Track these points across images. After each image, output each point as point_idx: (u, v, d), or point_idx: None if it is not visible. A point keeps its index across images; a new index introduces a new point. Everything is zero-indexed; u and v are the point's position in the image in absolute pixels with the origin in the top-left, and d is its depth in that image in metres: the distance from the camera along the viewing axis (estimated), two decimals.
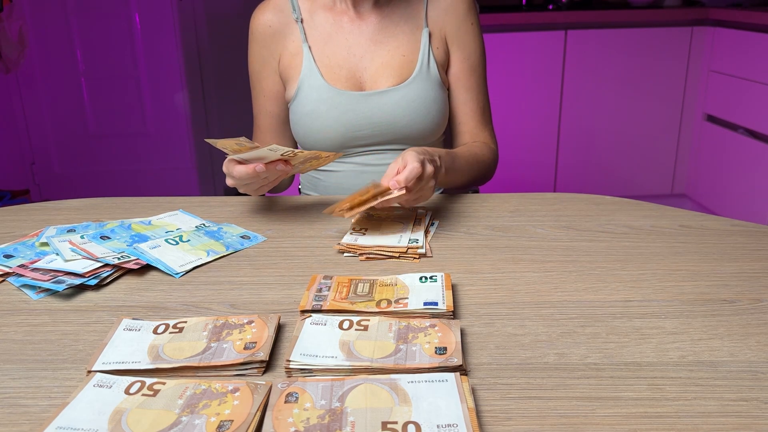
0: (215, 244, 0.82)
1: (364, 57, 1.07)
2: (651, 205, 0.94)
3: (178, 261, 0.76)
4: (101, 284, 0.72)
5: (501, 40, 2.59)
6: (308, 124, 1.07)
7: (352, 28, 1.08)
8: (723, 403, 0.50)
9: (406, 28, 1.08)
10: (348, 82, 1.07)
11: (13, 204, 2.43)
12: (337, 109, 1.06)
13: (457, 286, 0.70)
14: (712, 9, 2.56)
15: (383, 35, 1.08)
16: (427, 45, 1.08)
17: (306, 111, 1.07)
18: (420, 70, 1.07)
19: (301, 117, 1.08)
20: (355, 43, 1.08)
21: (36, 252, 0.77)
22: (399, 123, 1.06)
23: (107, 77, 2.99)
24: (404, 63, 1.07)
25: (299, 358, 0.54)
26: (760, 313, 0.63)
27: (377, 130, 1.06)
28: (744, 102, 2.41)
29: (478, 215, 0.91)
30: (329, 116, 1.06)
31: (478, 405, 0.50)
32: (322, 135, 1.07)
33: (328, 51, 1.08)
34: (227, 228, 0.87)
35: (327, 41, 1.08)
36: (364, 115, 1.06)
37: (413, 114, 1.06)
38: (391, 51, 1.07)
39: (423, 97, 1.06)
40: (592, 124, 2.72)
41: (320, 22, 1.09)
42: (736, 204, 2.49)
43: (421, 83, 1.07)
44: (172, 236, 0.82)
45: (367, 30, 1.08)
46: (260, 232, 0.86)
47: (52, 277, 0.71)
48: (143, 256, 0.76)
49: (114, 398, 0.50)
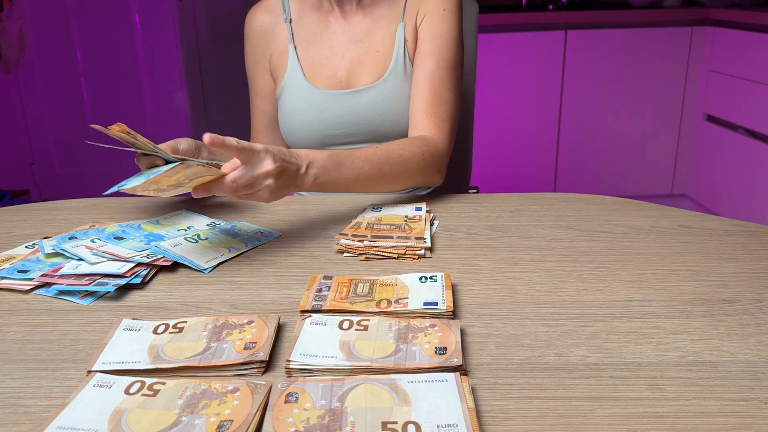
0: (234, 241, 0.82)
1: (345, 56, 1.08)
2: (651, 205, 0.94)
3: (202, 257, 0.77)
4: (144, 282, 0.72)
5: (501, 40, 2.59)
6: (290, 122, 1.10)
7: (336, 28, 1.09)
8: (723, 403, 0.50)
9: (384, 24, 1.08)
10: (329, 81, 1.08)
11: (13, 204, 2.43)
12: (315, 107, 1.07)
13: (457, 286, 0.70)
14: (712, 9, 2.56)
15: (364, 33, 1.08)
16: (402, 40, 1.06)
17: (288, 109, 1.09)
18: (394, 67, 1.05)
19: (284, 115, 1.10)
20: (338, 42, 1.09)
21: (48, 264, 0.75)
22: (375, 121, 1.06)
23: (107, 77, 2.99)
24: (378, 60, 1.06)
25: (299, 358, 0.54)
26: (760, 313, 0.63)
27: (354, 128, 1.07)
28: (744, 102, 2.41)
29: (478, 215, 0.91)
30: (308, 114, 1.07)
31: (478, 405, 0.50)
32: (301, 133, 1.09)
33: (312, 51, 1.09)
34: (240, 226, 0.88)
35: (312, 41, 1.09)
36: (341, 114, 1.07)
37: (388, 112, 1.06)
38: (366, 48, 1.07)
39: (398, 95, 1.05)
40: (592, 124, 2.72)
41: (308, 22, 1.10)
42: (736, 204, 2.49)
43: (396, 80, 1.05)
44: (190, 234, 0.83)
45: (351, 29, 1.08)
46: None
47: (91, 280, 0.70)
48: (167, 253, 0.76)
49: (114, 398, 0.50)
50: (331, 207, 0.95)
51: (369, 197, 0.98)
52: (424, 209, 0.90)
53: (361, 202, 0.96)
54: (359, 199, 0.98)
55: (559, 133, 2.73)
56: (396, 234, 0.82)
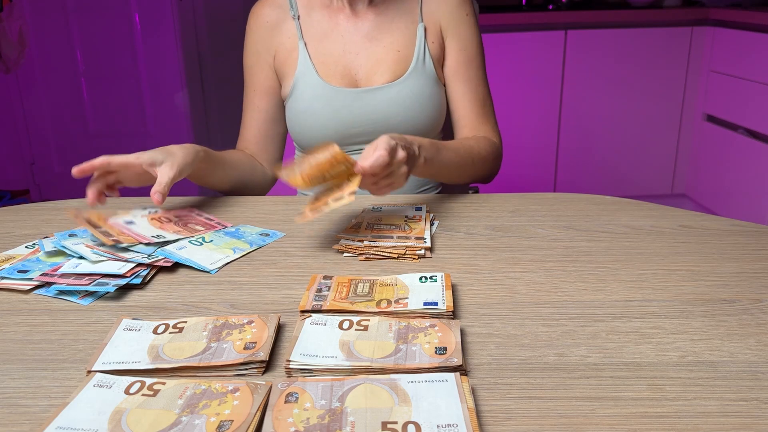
0: (238, 243, 0.82)
1: (360, 54, 1.08)
2: (651, 205, 0.94)
3: (207, 259, 0.77)
4: (144, 282, 0.72)
5: (501, 40, 2.59)
6: (304, 121, 1.08)
7: (347, 26, 1.08)
8: (723, 403, 0.50)
9: (401, 24, 1.08)
10: (343, 79, 1.07)
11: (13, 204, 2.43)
12: (331, 106, 1.06)
13: (457, 286, 0.70)
14: (712, 9, 2.56)
15: (378, 32, 1.08)
16: (423, 40, 1.08)
17: (302, 108, 1.08)
18: (415, 66, 1.07)
19: (297, 114, 1.09)
20: (351, 40, 1.08)
21: (48, 263, 0.75)
22: (394, 120, 1.06)
23: (107, 77, 2.99)
24: (399, 59, 1.07)
25: (299, 358, 0.54)
26: (760, 313, 0.63)
27: (372, 127, 1.06)
28: (744, 102, 2.41)
29: (478, 215, 0.91)
30: (324, 113, 1.06)
31: (478, 405, 0.50)
32: (317, 132, 1.07)
33: (323, 48, 1.08)
34: (244, 228, 0.88)
35: (323, 38, 1.08)
36: (359, 113, 1.06)
37: (408, 110, 1.06)
38: (386, 47, 1.07)
39: (418, 94, 1.06)
40: (592, 124, 2.72)
41: (317, 19, 1.09)
42: (736, 204, 2.49)
43: (417, 79, 1.06)
44: (195, 238, 0.83)
45: (363, 27, 1.08)
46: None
47: (91, 280, 0.70)
48: (172, 256, 0.76)
49: (114, 398, 0.50)
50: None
51: (369, 198, 0.98)
52: (424, 210, 0.90)
53: (361, 203, 0.96)
54: (359, 199, 0.98)
55: (559, 133, 2.73)
56: (396, 234, 0.82)
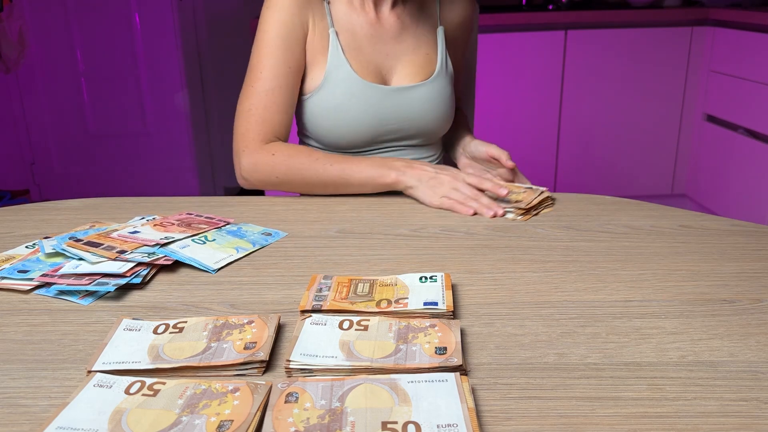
0: (241, 242, 0.82)
1: (390, 54, 1.08)
2: (651, 205, 0.94)
3: (210, 258, 0.77)
4: (144, 282, 0.72)
5: (501, 40, 2.59)
6: (335, 117, 1.04)
7: (372, 26, 1.07)
8: (723, 403, 0.50)
9: (424, 28, 1.11)
10: (376, 77, 1.07)
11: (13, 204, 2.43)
12: (367, 103, 1.04)
13: (457, 286, 0.70)
14: (712, 9, 2.56)
15: (405, 34, 1.09)
16: (443, 43, 1.12)
17: (334, 104, 1.04)
18: (441, 68, 1.10)
19: (329, 110, 1.04)
20: (378, 40, 1.07)
21: (48, 264, 0.75)
22: (423, 119, 1.09)
23: (107, 77, 2.99)
24: (427, 61, 1.10)
25: (299, 358, 0.54)
26: (760, 313, 0.63)
27: (403, 125, 1.08)
28: (744, 102, 2.41)
29: (478, 215, 0.91)
30: (358, 110, 1.04)
31: (478, 405, 0.50)
32: (350, 129, 1.05)
33: (354, 43, 1.06)
34: (246, 227, 0.88)
35: (353, 33, 1.06)
36: (390, 111, 1.06)
37: (435, 111, 1.09)
38: (415, 49, 1.09)
39: (443, 94, 1.10)
40: (592, 124, 2.72)
41: (344, 11, 1.07)
42: (736, 204, 2.49)
43: (442, 81, 1.10)
44: (198, 237, 0.83)
45: (388, 29, 1.08)
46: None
47: (91, 280, 0.70)
48: (174, 255, 0.76)
49: (114, 398, 0.50)
50: (331, 207, 0.95)
51: (369, 198, 0.98)
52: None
53: (362, 202, 0.96)
54: (359, 199, 0.98)
55: (559, 133, 2.73)
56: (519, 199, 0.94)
